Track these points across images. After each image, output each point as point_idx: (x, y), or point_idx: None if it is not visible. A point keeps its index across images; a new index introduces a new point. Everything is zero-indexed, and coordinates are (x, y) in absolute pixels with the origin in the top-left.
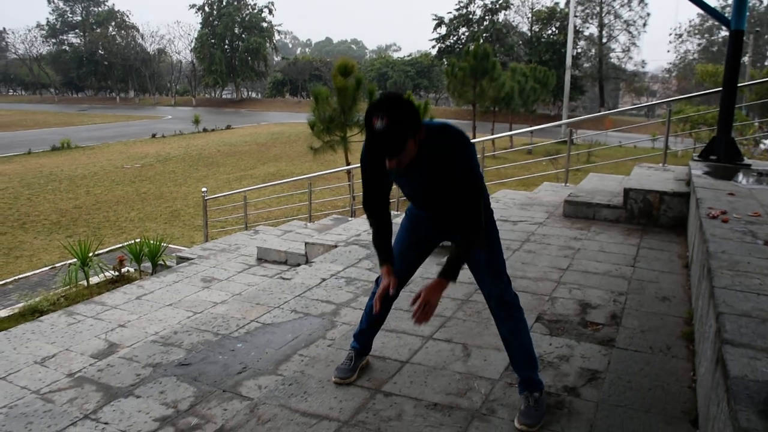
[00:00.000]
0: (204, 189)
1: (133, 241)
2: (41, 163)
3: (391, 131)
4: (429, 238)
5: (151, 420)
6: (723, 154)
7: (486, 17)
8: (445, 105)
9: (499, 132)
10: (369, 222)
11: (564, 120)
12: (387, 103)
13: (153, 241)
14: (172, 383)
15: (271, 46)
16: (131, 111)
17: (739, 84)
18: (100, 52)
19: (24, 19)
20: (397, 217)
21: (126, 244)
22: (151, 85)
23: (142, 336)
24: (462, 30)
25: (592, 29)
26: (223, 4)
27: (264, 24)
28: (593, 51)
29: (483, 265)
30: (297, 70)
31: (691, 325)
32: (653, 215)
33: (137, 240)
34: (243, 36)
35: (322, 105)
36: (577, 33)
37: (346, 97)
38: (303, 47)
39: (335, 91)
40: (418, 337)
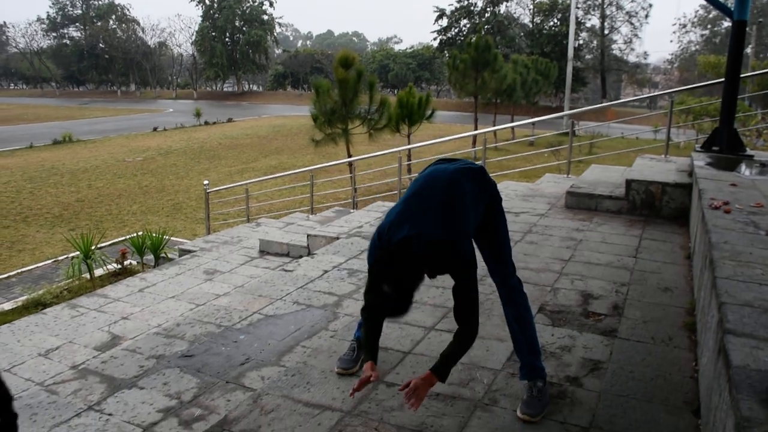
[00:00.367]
0: (206, 182)
1: (136, 234)
2: (43, 157)
3: (400, 296)
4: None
5: (155, 411)
6: (725, 145)
7: (487, 9)
8: (447, 97)
9: (501, 124)
10: (363, 319)
11: (566, 111)
12: (392, 273)
13: (155, 234)
14: (175, 375)
15: (272, 38)
16: (132, 104)
17: (742, 75)
18: (100, 45)
19: (25, 13)
20: None
21: (128, 237)
22: (152, 79)
23: (145, 328)
24: (463, 22)
25: (594, 21)
26: None
27: (265, 17)
28: (595, 42)
29: (490, 252)
30: (298, 62)
31: (693, 316)
32: (655, 206)
33: (139, 233)
34: (244, 29)
35: (323, 97)
36: (579, 24)
37: (347, 90)
38: (304, 40)
39: (336, 84)
40: (420, 328)
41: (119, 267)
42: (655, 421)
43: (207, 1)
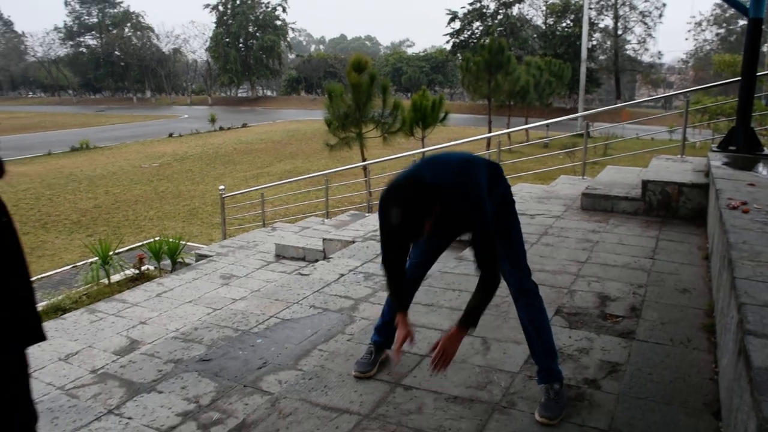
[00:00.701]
0: (221, 187)
1: (153, 240)
2: (61, 164)
3: (408, 224)
4: (447, 234)
5: (174, 415)
6: (742, 144)
7: (500, 11)
8: (460, 100)
9: (515, 126)
10: (384, 271)
11: (580, 113)
12: (401, 195)
13: (172, 239)
14: (193, 378)
15: (286, 43)
16: (148, 111)
17: (758, 73)
18: (116, 53)
19: (42, 23)
20: None
21: (145, 242)
22: (167, 85)
23: (163, 332)
24: (476, 24)
25: (607, 21)
26: (237, 3)
27: (278, 22)
28: (608, 43)
29: (503, 256)
30: (311, 67)
31: (712, 317)
32: (672, 207)
33: (156, 238)
34: (257, 34)
35: (336, 102)
36: (592, 25)
37: (360, 94)
38: (317, 44)
39: (350, 88)
40: (437, 331)
41: (137, 272)
42: (675, 424)
43: (221, 8)
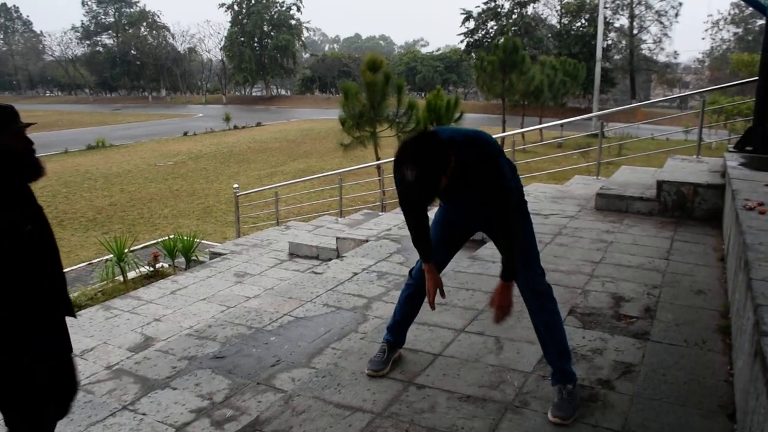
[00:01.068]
0: (236, 185)
1: (167, 237)
2: (77, 162)
3: (423, 180)
4: (463, 230)
5: (188, 411)
6: (759, 144)
7: (514, 10)
8: (474, 99)
9: (529, 125)
10: (407, 221)
11: (595, 113)
12: (414, 152)
13: (186, 237)
14: (207, 376)
15: (300, 43)
16: (163, 109)
17: None
18: (132, 52)
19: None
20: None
21: (160, 240)
22: (183, 84)
23: (177, 330)
24: (490, 24)
25: (622, 20)
26: (252, 2)
27: (292, 21)
28: (624, 42)
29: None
30: (326, 66)
31: (727, 319)
32: (687, 208)
33: (171, 236)
34: (272, 34)
35: (351, 101)
36: (607, 25)
37: (375, 93)
38: (331, 43)
39: (364, 87)
40: (450, 330)
41: (151, 270)
42: (689, 425)
43: (236, 7)
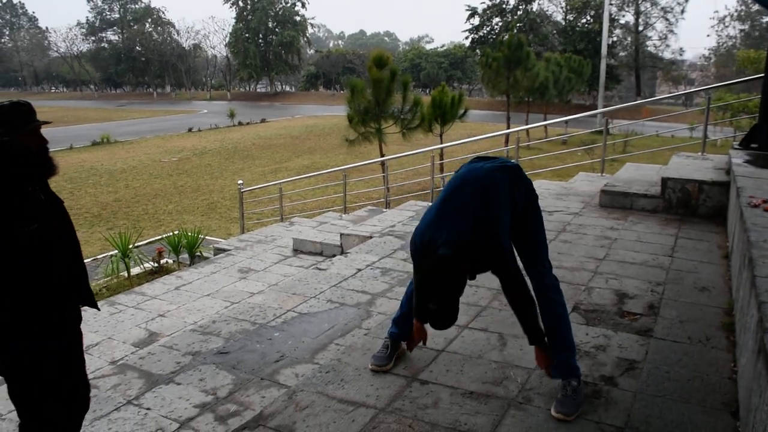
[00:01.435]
0: (240, 181)
1: (172, 233)
2: (82, 158)
3: (446, 308)
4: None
5: (192, 406)
6: (765, 142)
7: (519, 7)
8: (479, 96)
9: (534, 122)
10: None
11: (599, 109)
12: (435, 289)
13: (191, 233)
14: (211, 371)
15: (305, 39)
16: (168, 106)
17: None
18: (137, 48)
19: (65, 19)
20: None
21: (164, 236)
22: (187, 80)
23: (181, 325)
24: (495, 20)
25: (628, 17)
26: None
27: (297, 17)
28: (629, 39)
29: (528, 248)
30: (330, 63)
31: (731, 316)
32: (692, 205)
33: (175, 232)
34: (277, 30)
35: (357, 97)
36: (613, 21)
37: (381, 89)
38: (336, 40)
39: (370, 83)
40: (454, 326)
41: (156, 265)
42: (692, 422)
43: (240, 3)
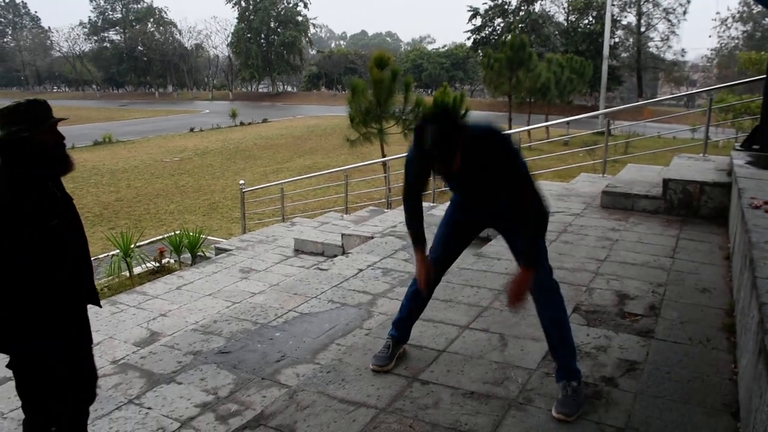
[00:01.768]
0: (241, 182)
1: (173, 233)
2: (84, 158)
3: (441, 145)
4: (471, 227)
5: (193, 406)
6: (766, 143)
7: (522, 7)
8: (480, 97)
9: (535, 123)
10: (405, 207)
11: (601, 110)
12: (435, 119)
13: (192, 233)
14: (212, 370)
15: (307, 39)
16: (170, 106)
17: None
18: (139, 48)
19: (68, 18)
20: (433, 209)
21: (166, 235)
22: (189, 80)
23: (182, 325)
24: (497, 21)
25: (630, 18)
26: None
27: (299, 18)
28: (631, 40)
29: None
30: (332, 63)
31: (732, 317)
32: (693, 206)
33: (177, 232)
34: (278, 30)
35: (358, 97)
36: (615, 22)
37: (382, 90)
38: (338, 40)
39: (371, 84)
40: (454, 327)
41: (157, 265)
42: (693, 423)
43: (243, 3)
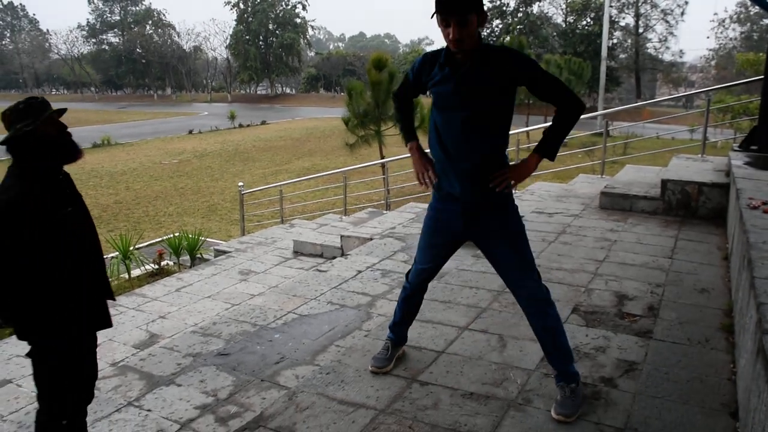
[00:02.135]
0: (240, 184)
1: (172, 235)
2: (83, 160)
3: None
4: (455, 236)
5: (192, 408)
6: (764, 143)
7: (520, 9)
8: None
9: (534, 124)
10: (395, 101)
11: (600, 111)
12: None
13: (191, 235)
14: (211, 372)
15: (305, 41)
16: (168, 108)
17: None
18: (137, 50)
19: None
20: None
21: (165, 238)
22: (188, 82)
23: (181, 327)
24: (496, 22)
25: (628, 19)
26: (258, 0)
27: (298, 20)
28: (629, 41)
29: (512, 263)
30: (331, 65)
31: (731, 317)
32: (692, 206)
33: (176, 234)
34: (277, 32)
35: (356, 99)
36: (613, 23)
37: (380, 91)
38: (336, 42)
39: (369, 86)
40: (453, 328)
41: (156, 267)
42: (691, 423)
43: (241, 5)
